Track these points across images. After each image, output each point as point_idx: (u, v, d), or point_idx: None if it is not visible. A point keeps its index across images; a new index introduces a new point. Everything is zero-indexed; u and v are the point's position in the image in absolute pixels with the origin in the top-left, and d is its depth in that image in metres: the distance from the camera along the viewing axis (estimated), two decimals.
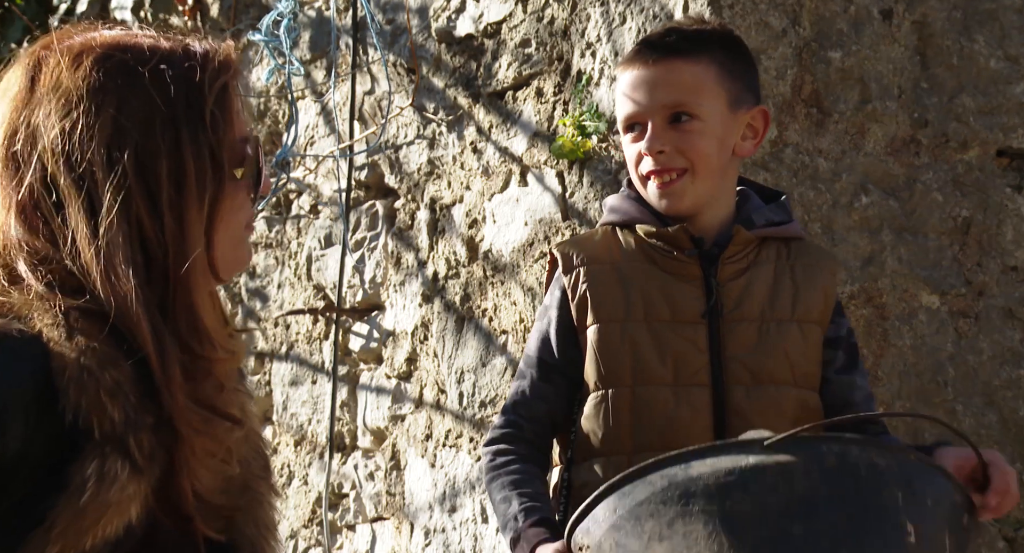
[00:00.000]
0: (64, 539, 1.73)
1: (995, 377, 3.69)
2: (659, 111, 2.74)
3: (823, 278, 2.80)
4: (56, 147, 1.82)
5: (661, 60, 2.75)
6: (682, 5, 3.63)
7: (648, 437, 2.65)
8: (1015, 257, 3.75)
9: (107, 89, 1.83)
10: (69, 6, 5.64)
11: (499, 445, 2.76)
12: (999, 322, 3.72)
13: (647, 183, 2.76)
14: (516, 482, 2.70)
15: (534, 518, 2.62)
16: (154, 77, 1.85)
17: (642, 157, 2.75)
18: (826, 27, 3.68)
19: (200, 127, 1.85)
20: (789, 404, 2.70)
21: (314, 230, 4.72)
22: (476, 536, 4.08)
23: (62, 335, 1.76)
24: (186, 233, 1.83)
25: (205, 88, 1.87)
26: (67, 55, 1.86)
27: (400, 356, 4.36)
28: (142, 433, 1.76)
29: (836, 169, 3.65)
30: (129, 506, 1.76)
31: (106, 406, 1.75)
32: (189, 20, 5.12)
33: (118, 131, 1.82)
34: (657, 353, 2.69)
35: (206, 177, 1.85)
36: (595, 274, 2.74)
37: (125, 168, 1.81)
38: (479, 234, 4.14)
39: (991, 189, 3.75)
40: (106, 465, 1.74)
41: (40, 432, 1.75)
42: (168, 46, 1.89)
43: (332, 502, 4.56)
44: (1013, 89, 3.79)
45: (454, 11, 4.26)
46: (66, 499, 1.73)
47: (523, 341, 3.96)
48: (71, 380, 1.75)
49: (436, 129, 4.29)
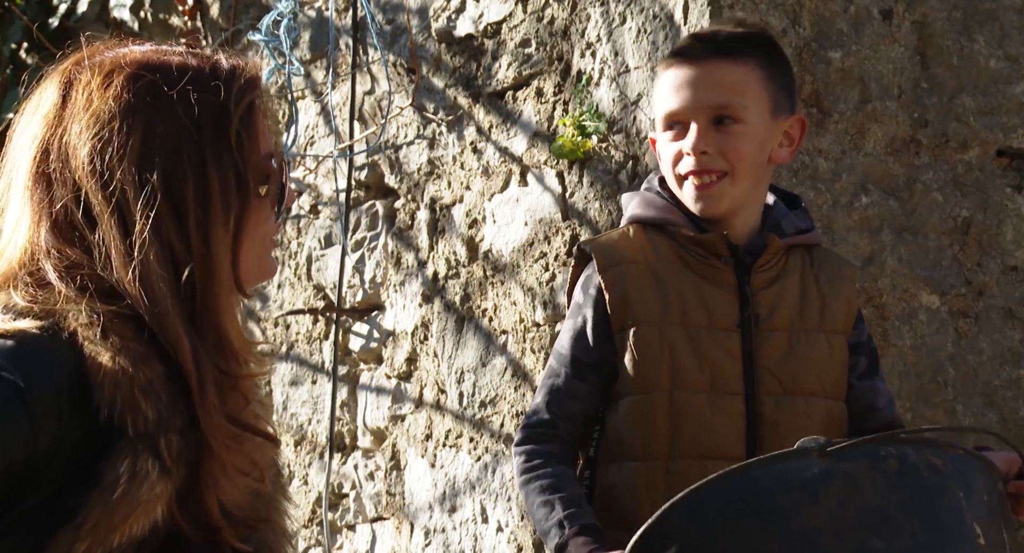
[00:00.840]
0: (94, 535, 1.75)
1: (995, 377, 3.69)
2: (704, 111, 2.71)
3: (847, 287, 2.80)
4: (88, 166, 1.85)
5: (708, 60, 2.74)
6: (682, 5, 3.63)
7: (683, 443, 2.64)
8: (1015, 257, 3.75)
9: (137, 110, 1.87)
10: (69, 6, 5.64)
11: (535, 445, 2.71)
12: (999, 322, 3.72)
13: (683, 183, 2.73)
14: (555, 485, 2.65)
15: (579, 524, 2.58)
16: (182, 99, 1.88)
17: (681, 156, 2.72)
18: (826, 27, 3.68)
19: (225, 147, 1.88)
20: (818, 415, 2.70)
21: (314, 230, 4.72)
22: (476, 536, 4.08)
23: (96, 334, 1.78)
24: (212, 251, 1.87)
25: (231, 109, 1.90)
26: (98, 74, 1.90)
27: (400, 356, 4.36)
28: (172, 434, 1.79)
29: (836, 169, 3.65)
30: (156, 505, 1.78)
31: (140, 404, 1.77)
32: (189, 20, 5.12)
33: (147, 151, 1.86)
34: (695, 359, 2.67)
35: (231, 197, 1.88)
36: (633, 275, 2.71)
37: (154, 188, 1.84)
38: (479, 234, 4.14)
39: (991, 189, 3.75)
40: (138, 463, 1.76)
41: (72, 429, 1.77)
42: (196, 64, 1.93)
43: (332, 502, 4.56)
44: (1013, 89, 3.79)
45: (454, 11, 4.26)
46: (98, 495, 1.75)
47: (523, 341, 3.96)
48: (106, 377, 1.77)
49: (436, 129, 4.29)
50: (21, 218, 1.88)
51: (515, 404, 3.98)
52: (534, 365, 3.94)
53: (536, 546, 3.91)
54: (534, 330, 3.94)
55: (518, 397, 3.97)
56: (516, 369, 3.99)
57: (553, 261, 3.91)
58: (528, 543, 3.93)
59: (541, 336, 3.92)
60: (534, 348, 3.94)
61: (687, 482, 2.62)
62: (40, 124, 1.90)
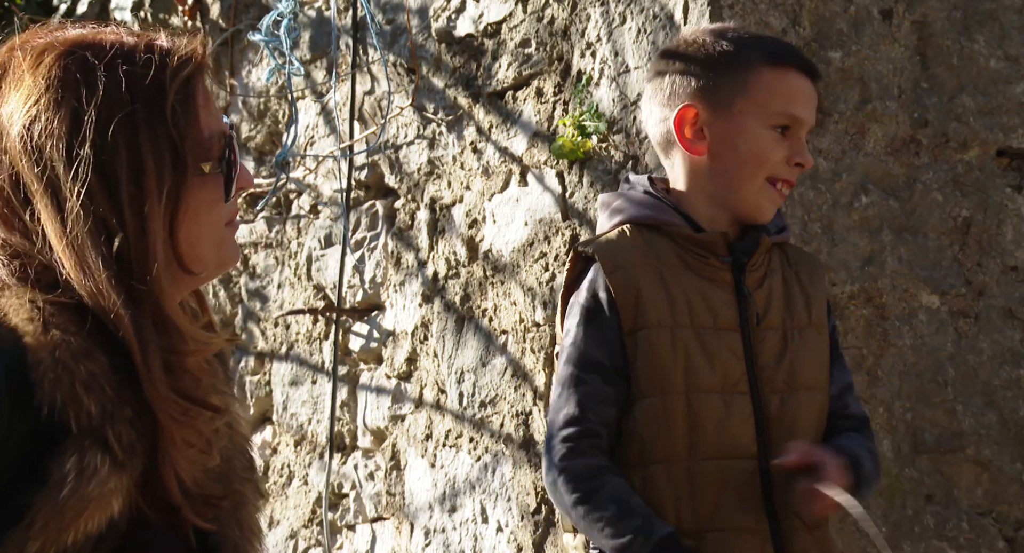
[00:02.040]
0: (44, 536, 1.73)
1: (995, 377, 3.69)
2: (809, 126, 2.76)
3: (823, 283, 2.84)
4: (19, 144, 1.84)
5: (816, 79, 2.78)
6: (682, 5, 3.63)
7: (703, 445, 2.63)
8: (1015, 257, 3.75)
9: (66, 85, 1.85)
10: (69, 6, 5.64)
11: (586, 459, 2.64)
12: (999, 322, 3.72)
13: (767, 183, 2.72)
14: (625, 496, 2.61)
15: (667, 531, 2.57)
16: (112, 73, 1.86)
17: (788, 161, 2.72)
18: (826, 27, 3.68)
19: (159, 122, 1.86)
20: (816, 408, 2.72)
21: (314, 230, 4.72)
22: (476, 536, 4.08)
23: (38, 329, 1.76)
24: (147, 226, 1.83)
25: (166, 83, 1.87)
26: (30, 54, 1.89)
27: (400, 356, 4.36)
28: (120, 425, 1.76)
29: (836, 169, 3.65)
30: (111, 500, 1.76)
31: (82, 399, 1.75)
32: (189, 20, 5.12)
33: (77, 126, 1.83)
34: (707, 360, 2.66)
35: (165, 171, 1.85)
36: (641, 277, 2.69)
37: (85, 162, 1.82)
38: (479, 234, 4.14)
39: (991, 189, 3.75)
40: (85, 459, 1.74)
41: (15, 428, 1.74)
42: (131, 42, 1.91)
43: (332, 502, 4.56)
44: (1013, 89, 3.79)
45: (454, 11, 4.26)
46: (45, 495, 1.73)
47: (523, 341, 3.96)
48: (46, 374, 1.74)
49: (436, 129, 4.29)
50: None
51: (515, 404, 3.98)
52: (534, 365, 3.94)
53: (536, 546, 3.91)
54: (534, 330, 3.94)
55: (518, 397, 3.97)
56: (516, 369, 3.99)
57: (553, 261, 3.91)
58: (528, 543, 3.93)
59: (541, 336, 3.92)
60: (534, 348, 3.94)
61: (708, 483, 2.62)
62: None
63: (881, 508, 3.53)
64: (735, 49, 2.73)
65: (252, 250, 4.95)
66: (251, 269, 4.95)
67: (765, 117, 2.71)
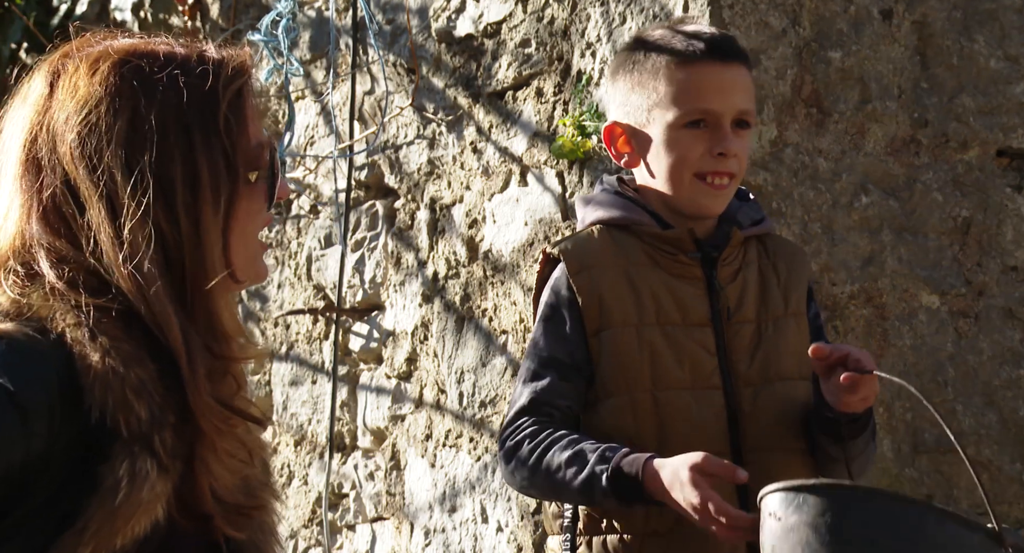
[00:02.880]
0: (97, 540, 1.75)
1: (995, 377, 3.69)
2: (732, 114, 2.73)
3: (804, 270, 2.83)
4: (76, 150, 1.85)
5: (734, 63, 2.76)
6: (682, 5, 3.63)
7: (673, 442, 2.63)
8: (1015, 257, 3.75)
9: (123, 93, 1.87)
10: (69, 6, 5.64)
11: (531, 429, 2.64)
12: (999, 322, 3.72)
13: (697, 180, 2.72)
14: (574, 440, 2.59)
15: (622, 449, 2.54)
16: (169, 82, 1.88)
17: (705, 154, 2.72)
18: (826, 27, 3.68)
19: (213, 131, 1.88)
20: (799, 397, 2.72)
21: (314, 230, 4.72)
22: (476, 536, 4.08)
23: (85, 335, 1.78)
24: (202, 236, 1.86)
25: (219, 93, 1.90)
26: (85, 61, 1.90)
27: (400, 356, 4.36)
28: (166, 431, 1.79)
29: (836, 169, 3.65)
30: (157, 504, 1.78)
31: (132, 404, 1.77)
32: (189, 20, 5.12)
33: (134, 135, 1.85)
34: (674, 357, 2.67)
35: (220, 181, 1.88)
36: (605, 278, 2.71)
37: (143, 171, 1.84)
38: (479, 234, 4.14)
39: (991, 189, 3.75)
40: (136, 464, 1.76)
41: (65, 432, 1.76)
42: (183, 52, 1.93)
43: (332, 502, 4.56)
44: (1013, 89, 3.79)
45: (454, 11, 4.26)
46: (99, 500, 1.75)
47: (523, 341, 3.96)
48: (96, 379, 1.76)
49: (436, 129, 4.29)
50: (11, 206, 1.88)
51: None
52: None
53: (536, 546, 3.91)
54: None
55: None
56: (516, 369, 3.99)
57: None
58: (528, 543, 3.93)
59: None
60: None
61: None
62: (28, 112, 1.90)
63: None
64: (643, 58, 2.77)
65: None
66: None
67: (677, 117, 2.73)
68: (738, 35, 3.58)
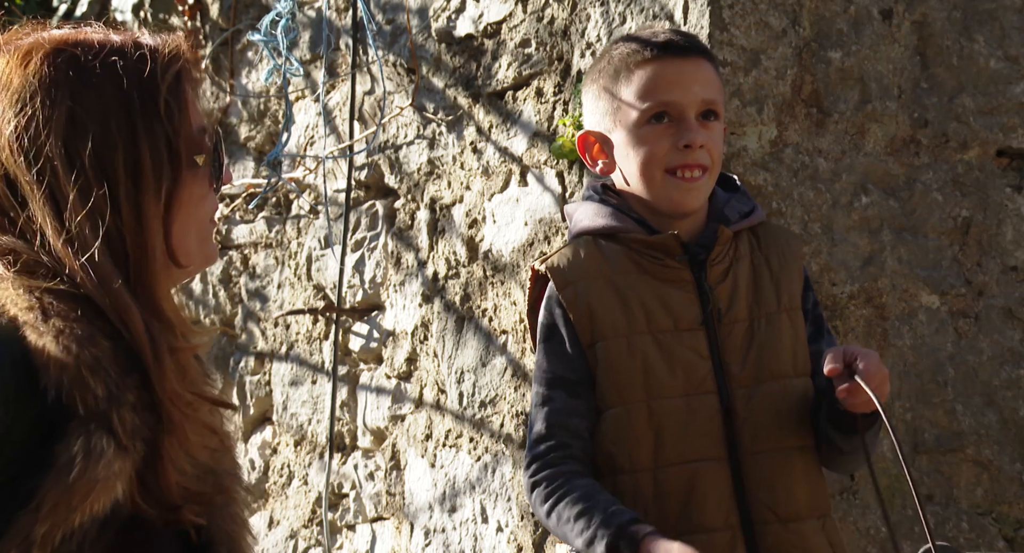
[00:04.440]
0: (53, 517, 1.73)
1: (995, 377, 3.70)
2: (696, 105, 2.72)
3: (796, 261, 2.80)
4: (13, 144, 1.83)
5: (692, 56, 2.76)
6: (682, 5, 3.63)
7: (667, 451, 2.64)
8: (1015, 257, 3.75)
9: (59, 83, 1.84)
10: (69, 6, 5.64)
11: (551, 469, 2.67)
12: (999, 322, 3.72)
13: (668, 175, 2.72)
14: (587, 495, 2.61)
15: (629, 516, 2.55)
16: (105, 70, 1.86)
17: (671, 149, 2.71)
18: (826, 27, 3.68)
19: (155, 118, 1.86)
20: (795, 395, 2.71)
21: (314, 230, 4.72)
22: (476, 536, 4.08)
23: (38, 317, 1.77)
24: (144, 224, 1.85)
25: (157, 78, 1.88)
26: (16, 54, 1.87)
27: (400, 356, 4.36)
28: (124, 409, 1.77)
29: (836, 169, 3.66)
30: (116, 483, 1.76)
31: (88, 382, 1.75)
32: (189, 20, 5.12)
33: (74, 124, 1.83)
34: (666, 364, 2.67)
35: (162, 167, 1.86)
36: (593, 289, 2.71)
37: (84, 161, 1.82)
38: (479, 234, 4.14)
39: (991, 189, 3.75)
40: (92, 441, 1.74)
41: (21, 415, 1.75)
42: (119, 40, 1.91)
43: (332, 502, 4.56)
44: (1013, 89, 3.79)
45: (454, 11, 4.26)
46: (54, 477, 1.73)
47: (523, 341, 3.96)
48: (51, 358, 1.75)
49: (436, 129, 4.29)
50: None
51: (515, 404, 3.98)
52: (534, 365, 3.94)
53: (536, 546, 3.91)
54: None
55: (518, 397, 3.97)
56: (516, 369, 3.99)
57: None
58: (528, 543, 3.93)
59: None
60: (534, 348, 3.94)
61: (674, 489, 2.63)
62: None
63: (881, 508, 3.53)
64: (606, 65, 2.79)
65: (252, 250, 4.95)
66: (251, 269, 4.95)
67: (639, 115, 2.73)
68: (738, 35, 3.59)
